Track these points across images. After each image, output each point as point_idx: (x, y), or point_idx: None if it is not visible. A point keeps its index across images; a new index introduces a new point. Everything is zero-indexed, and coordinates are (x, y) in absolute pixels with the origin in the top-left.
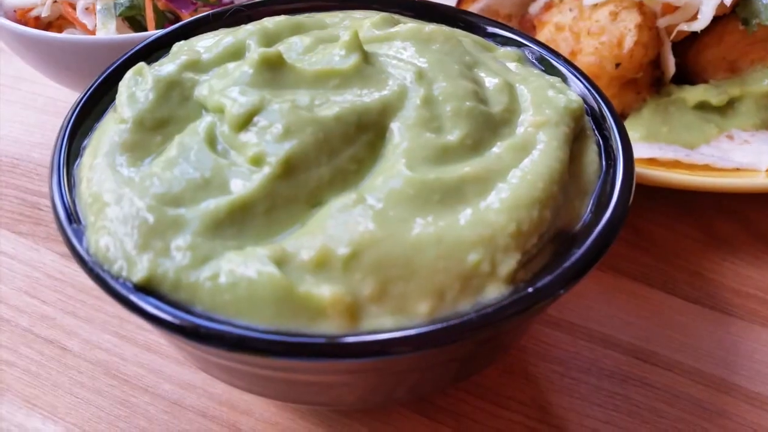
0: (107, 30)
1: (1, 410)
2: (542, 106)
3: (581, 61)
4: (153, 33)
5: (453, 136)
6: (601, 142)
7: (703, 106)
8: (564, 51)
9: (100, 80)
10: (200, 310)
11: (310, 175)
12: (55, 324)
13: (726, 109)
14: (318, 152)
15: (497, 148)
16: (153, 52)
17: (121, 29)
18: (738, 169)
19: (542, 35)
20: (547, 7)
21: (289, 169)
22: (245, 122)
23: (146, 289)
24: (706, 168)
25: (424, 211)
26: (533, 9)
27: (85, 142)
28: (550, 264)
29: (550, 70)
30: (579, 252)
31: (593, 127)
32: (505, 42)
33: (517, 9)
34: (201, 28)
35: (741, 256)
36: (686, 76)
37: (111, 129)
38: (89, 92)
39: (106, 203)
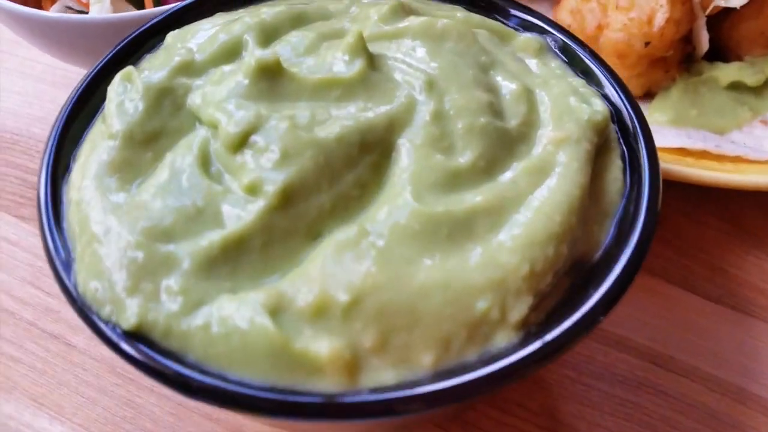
0: (101, 4)
1: (10, 408)
2: (563, 118)
3: (608, 37)
4: (147, 13)
5: (464, 157)
6: (626, 152)
7: (736, 87)
8: (590, 24)
9: (87, 81)
10: (193, 360)
11: (310, 204)
12: (59, 317)
13: (762, 89)
14: (318, 178)
15: (512, 172)
16: (147, 40)
17: (117, 3)
18: None
19: (567, 5)
20: None
21: (287, 199)
22: (241, 143)
23: (137, 335)
24: (738, 160)
25: (430, 250)
26: None
27: (75, 153)
28: (566, 301)
29: (574, 61)
30: (597, 294)
31: (618, 133)
32: (527, 27)
33: None
34: (197, 10)
35: (767, 250)
36: (719, 52)
37: (100, 145)
38: (76, 96)
39: (94, 235)
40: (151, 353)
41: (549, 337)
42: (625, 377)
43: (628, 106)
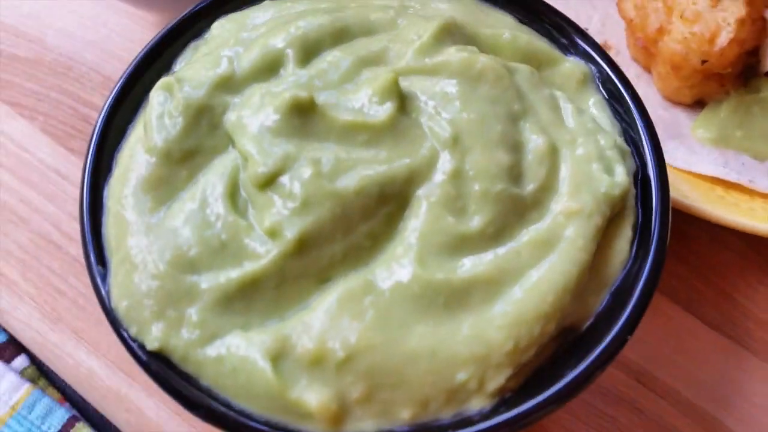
0: None
1: (55, 338)
2: (581, 188)
3: (666, 45)
4: None
5: (474, 222)
6: (640, 217)
7: None
8: (652, 24)
9: (130, 70)
10: (205, 385)
11: (323, 252)
12: None
13: None
14: (334, 229)
15: (517, 242)
16: (194, 23)
17: None
18: None
19: None
20: None
21: (303, 246)
22: (267, 183)
23: (159, 355)
24: None
25: (425, 315)
26: None
27: (116, 154)
28: (546, 368)
29: (614, 100)
30: (576, 371)
31: (637, 195)
32: (575, 50)
33: None
34: None
35: None
36: None
37: (139, 155)
38: (119, 88)
39: (128, 256)
40: (169, 375)
41: (519, 410)
42: (607, 390)
43: (655, 167)
